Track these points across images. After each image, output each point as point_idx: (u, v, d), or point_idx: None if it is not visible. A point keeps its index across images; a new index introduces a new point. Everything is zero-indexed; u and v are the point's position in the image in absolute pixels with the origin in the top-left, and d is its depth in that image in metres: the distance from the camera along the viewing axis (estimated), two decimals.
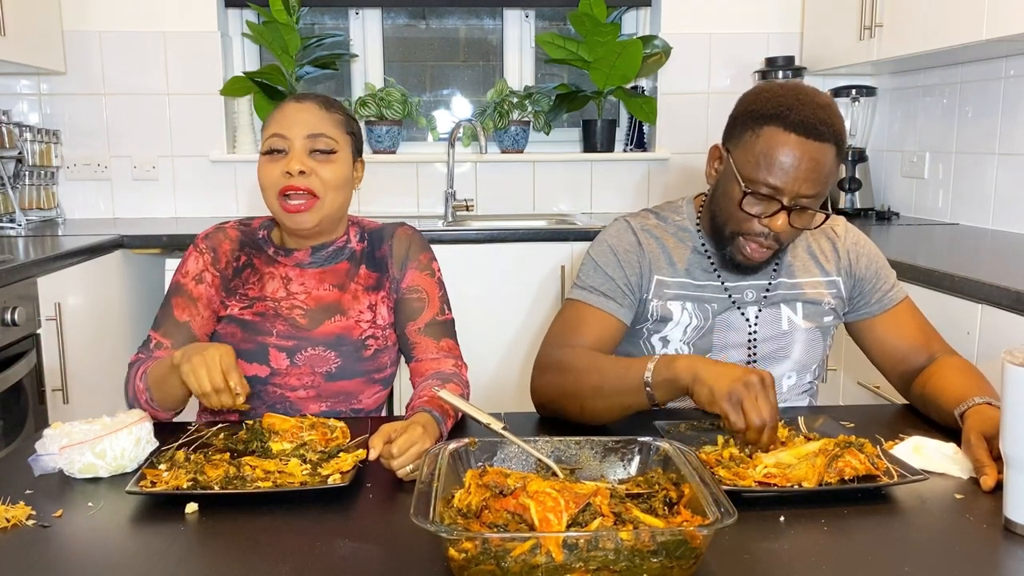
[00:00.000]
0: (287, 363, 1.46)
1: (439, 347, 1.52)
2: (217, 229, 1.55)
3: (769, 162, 1.33)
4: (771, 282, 1.49)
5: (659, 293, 1.48)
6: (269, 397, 1.47)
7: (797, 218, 1.36)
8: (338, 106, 1.51)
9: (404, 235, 1.58)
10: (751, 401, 1.13)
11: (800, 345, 1.49)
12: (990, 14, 2.27)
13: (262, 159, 1.45)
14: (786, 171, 1.32)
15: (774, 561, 0.92)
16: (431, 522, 0.83)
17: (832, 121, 1.33)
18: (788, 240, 1.42)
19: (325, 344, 1.48)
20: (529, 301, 2.91)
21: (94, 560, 0.95)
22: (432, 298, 1.54)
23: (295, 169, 1.41)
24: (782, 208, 1.34)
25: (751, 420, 1.13)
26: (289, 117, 1.45)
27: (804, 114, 1.32)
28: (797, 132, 1.31)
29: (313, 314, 1.49)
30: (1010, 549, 0.95)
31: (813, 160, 1.32)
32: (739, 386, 1.14)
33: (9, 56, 2.74)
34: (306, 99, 1.48)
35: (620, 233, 1.52)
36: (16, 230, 2.88)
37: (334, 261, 1.53)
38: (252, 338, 1.46)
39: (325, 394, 1.49)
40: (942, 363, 1.42)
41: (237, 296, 1.50)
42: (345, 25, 3.52)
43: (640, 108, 3.37)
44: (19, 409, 2.16)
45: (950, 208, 2.98)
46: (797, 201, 1.34)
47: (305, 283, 1.51)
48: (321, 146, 1.44)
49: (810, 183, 1.33)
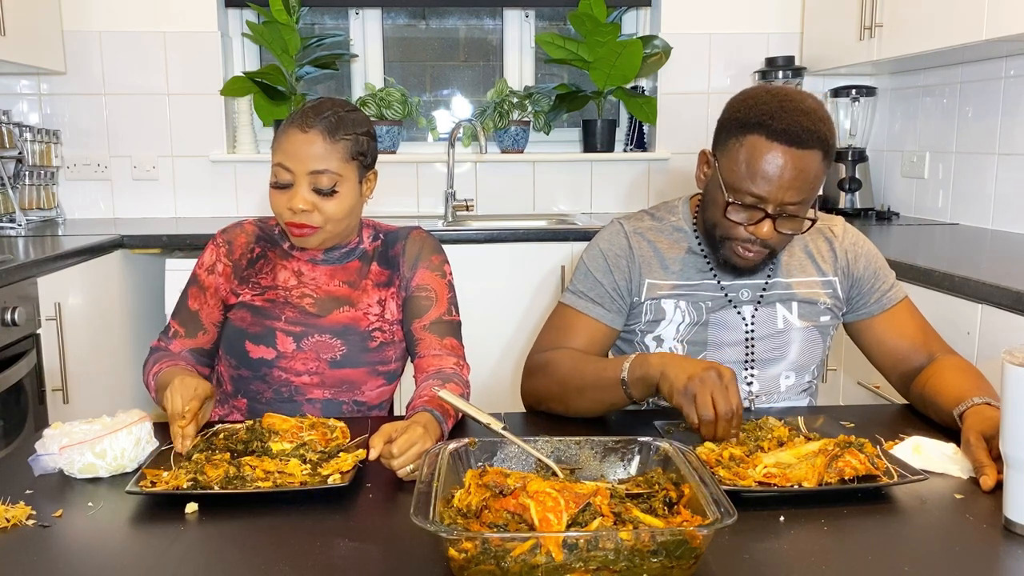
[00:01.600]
0: (293, 347, 1.49)
1: (442, 344, 1.53)
2: (235, 225, 1.60)
3: (752, 171, 1.33)
4: (768, 281, 1.49)
5: (651, 294, 1.49)
6: (274, 380, 1.50)
7: (784, 224, 1.36)
8: (346, 128, 1.46)
9: (418, 237, 1.61)
10: (704, 396, 1.16)
11: (797, 345, 1.49)
12: (990, 14, 2.27)
13: (271, 188, 1.47)
14: (769, 180, 1.32)
15: (774, 561, 0.92)
16: (431, 522, 0.83)
17: (816, 127, 1.32)
18: (780, 245, 1.42)
19: (332, 332, 1.51)
20: (529, 301, 2.91)
21: (94, 560, 0.95)
22: (441, 298, 1.56)
23: (297, 207, 1.43)
24: (766, 216, 1.35)
25: (701, 414, 1.16)
26: (295, 149, 1.43)
27: (787, 122, 1.31)
28: (780, 141, 1.31)
29: (323, 303, 1.52)
30: (1010, 549, 0.95)
31: (797, 168, 1.31)
32: (695, 381, 1.17)
33: (9, 56, 2.74)
34: (311, 127, 1.43)
35: (612, 237, 1.53)
36: (16, 230, 2.88)
37: (346, 260, 1.56)
38: (261, 321, 1.50)
39: (329, 381, 1.51)
40: (941, 363, 1.42)
41: (250, 284, 1.53)
42: (345, 25, 3.52)
43: (640, 108, 3.38)
44: (19, 409, 2.16)
45: (950, 208, 2.98)
46: (782, 209, 1.34)
47: (316, 277, 1.54)
48: (324, 184, 1.43)
49: (794, 191, 1.32)
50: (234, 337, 1.51)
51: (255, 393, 1.51)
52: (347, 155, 1.46)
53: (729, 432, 1.17)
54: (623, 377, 1.30)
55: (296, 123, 1.45)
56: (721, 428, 1.16)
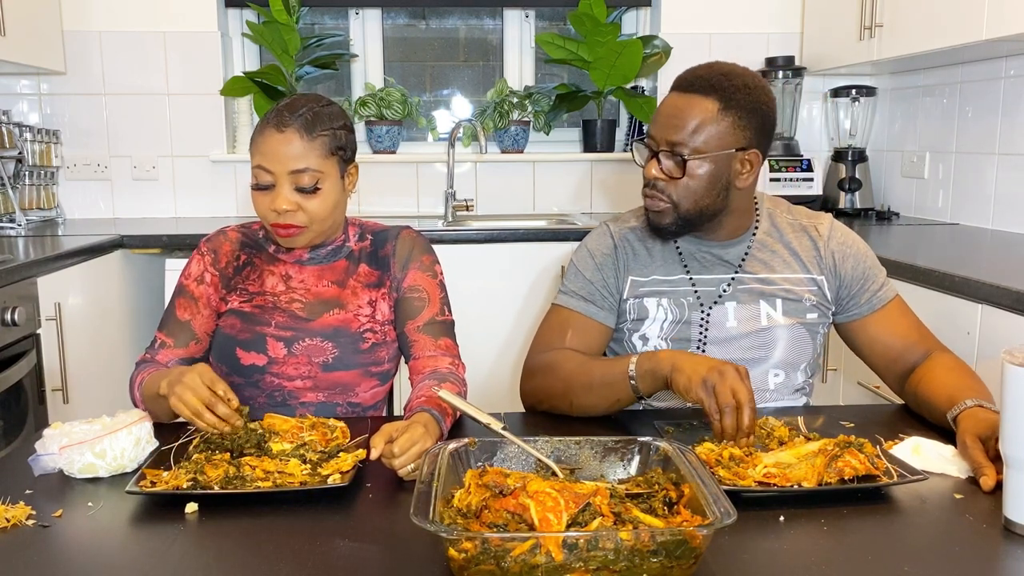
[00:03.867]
0: (284, 352, 1.49)
1: (437, 345, 1.53)
2: (218, 233, 1.58)
3: (654, 114, 1.49)
4: (733, 276, 1.50)
5: (634, 292, 1.51)
6: (267, 386, 1.50)
7: (667, 164, 1.43)
8: (323, 123, 1.45)
9: (408, 237, 1.60)
10: (724, 387, 1.17)
11: (783, 342, 1.49)
12: (990, 14, 2.27)
13: (252, 191, 1.46)
14: (656, 121, 1.46)
15: (774, 561, 0.92)
16: (431, 522, 0.83)
17: (715, 79, 1.42)
18: (675, 193, 1.44)
19: (323, 335, 1.50)
20: (528, 301, 2.91)
21: (94, 560, 0.95)
22: (433, 298, 1.56)
23: (281, 208, 1.42)
24: (653, 155, 1.45)
25: (722, 402, 1.16)
26: (272, 149, 1.42)
27: (688, 73, 1.46)
28: (674, 89, 1.47)
29: (312, 307, 1.52)
30: (1010, 549, 0.95)
31: (677, 107, 1.43)
32: (714, 373, 1.19)
33: (9, 56, 2.74)
34: (288, 126, 1.42)
35: (599, 238, 1.57)
36: (16, 230, 2.88)
37: (332, 259, 1.55)
38: (251, 328, 1.49)
39: (322, 385, 1.50)
40: (933, 362, 1.42)
41: (238, 291, 1.53)
42: (345, 25, 3.52)
43: (640, 108, 3.37)
44: (19, 409, 2.16)
45: (950, 208, 2.98)
46: (669, 148, 1.42)
47: (304, 279, 1.53)
48: (305, 183, 1.43)
49: (671, 128, 1.42)
50: (224, 344, 1.50)
51: (248, 399, 1.50)
52: (326, 151, 1.44)
53: (754, 423, 1.17)
54: (631, 372, 1.32)
55: (272, 123, 1.43)
56: (746, 416, 1.16)
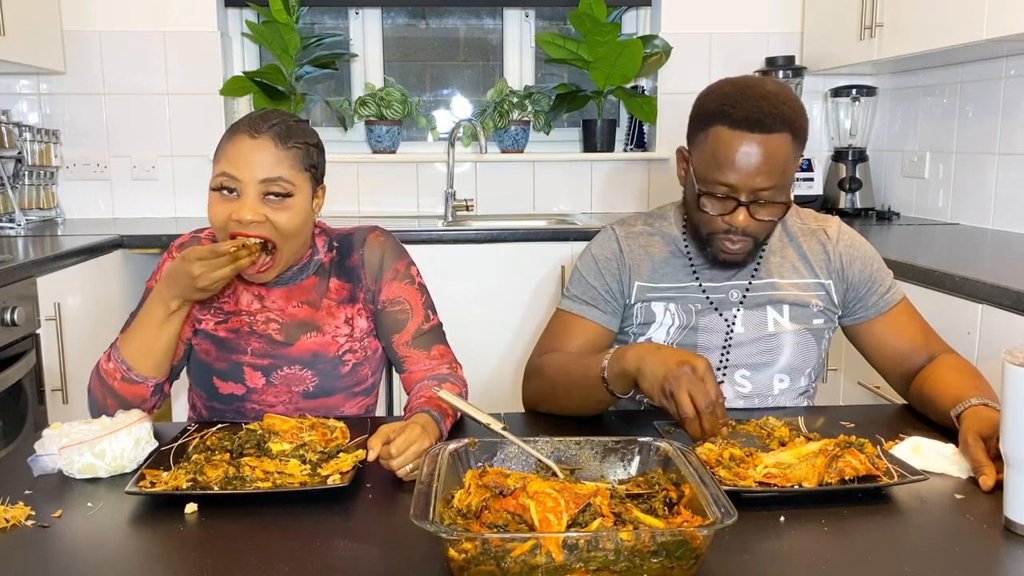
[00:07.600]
0: (263, 382, 1.44)
1: (430, 356, 1.49)
2: (192, 238, 1.51)
3: (719, 162, 1.33)
4: (751, 282, 1.49)
5: (641, 297, 1.49)
6: (248, 412, 1.46)
7: (760, 211, 1.36)
8: (297, 135, 1.37)
9: (376, 242, 1.50)
10: (681, 394, 1.15)
11: (789, 348, 1.48)
12: (990, 14, 2.27)
13: (211, 195, 1.35)
14: (737, 169, 1.32)
15: (774, 561, 0.92)
16: (431, 522, 0.83)
17: (779, 110, 1.32)
18: (762, 233, 1.40)
19: (301, 363, 1.44)
20: (528, 301, 2.91)
21: (94, 560, 0.95)
22: (415, 308, 1.50)
23: (246, 218, 1.31)
24: (739, 205, 1.35)
25: (683, 412, 1.14)
26: (243, 156, 1.32)
27: (747, 109, 1.31)
28: (742, 128, 1.31)
29: (289, 328, 1.45)
30: (1010, 549, 0.95)
31: (762, 154, 1.31)
32: (670, 380, 1.16)
33: (9, 56, 2.74)
34: (261, 134, 1.33)
35: (603, 242, 1.55)
36: (16, 230, 2.88)
37: (299, 278, 1.47)
38: (226, 356, 1.45)
39: (305, 409, 1.46)
40: (940, 363, 1.41)
41: (212, 310, 1.45)
42: (345, 25, 3.52)
43: (640, 108, 3.37)
44: (19, 409, 2.16)
45: (950, 208, 2.97)
46: (756, 196, 1.34)
47: (276, 300, 1.46)
48: (276, 190, 1.33)
49: (764, 176, 1.32)
50: (201, 371, 1.46)
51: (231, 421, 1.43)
52: (299, 164, 1.36)
53: (716, 425, 1.15)
54: (604, 375, 1.29)
55: (244, 129, 1.34)
56: (706, 421, 1.14)
